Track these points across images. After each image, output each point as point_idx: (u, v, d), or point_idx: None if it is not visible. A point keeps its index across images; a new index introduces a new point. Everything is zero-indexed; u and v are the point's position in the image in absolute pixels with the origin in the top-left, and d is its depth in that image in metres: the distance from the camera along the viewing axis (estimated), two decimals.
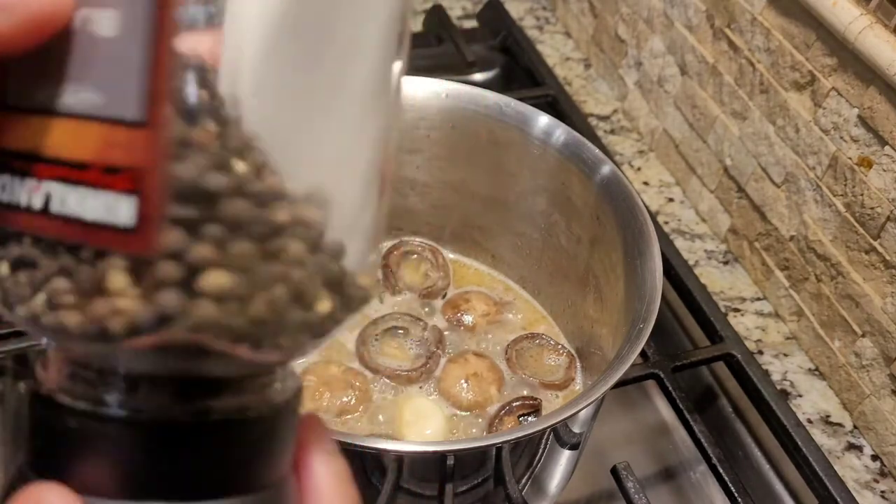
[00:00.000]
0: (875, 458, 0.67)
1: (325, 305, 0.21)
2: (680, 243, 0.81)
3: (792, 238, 0.73)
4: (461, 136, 0.61)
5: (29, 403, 0.22)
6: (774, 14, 0.71)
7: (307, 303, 0.21)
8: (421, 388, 0.58)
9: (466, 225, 0.66)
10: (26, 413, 0.22)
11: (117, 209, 0.19)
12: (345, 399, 0.56)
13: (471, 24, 1.02)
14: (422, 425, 0.56)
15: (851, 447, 0.67)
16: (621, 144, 0.92)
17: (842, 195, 0.67)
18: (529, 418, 0.57)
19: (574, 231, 0.59)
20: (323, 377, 0.57)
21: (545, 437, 0.49)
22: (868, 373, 0.67)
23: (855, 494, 0.60)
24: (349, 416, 0.55)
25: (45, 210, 0.20)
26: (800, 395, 0.70)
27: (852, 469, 0.66)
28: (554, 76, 0.92)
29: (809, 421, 0.69)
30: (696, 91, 0.83)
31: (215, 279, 0.19)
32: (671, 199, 0.87)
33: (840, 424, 0.69)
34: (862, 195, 0.65)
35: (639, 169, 0.90)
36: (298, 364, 0.57)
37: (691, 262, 0.79)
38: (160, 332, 0.19)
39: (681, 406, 0.62)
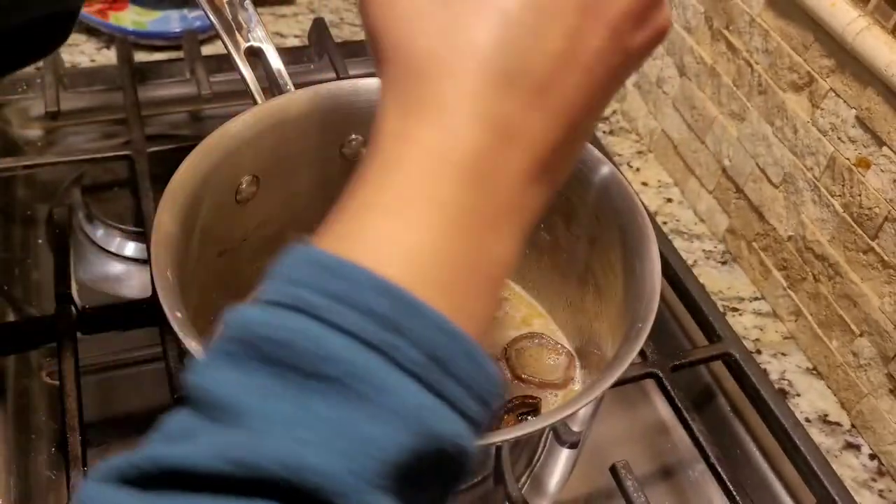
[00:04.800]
0: (873, 457, 0.67)
1: None
2: (678, 243, 0.81)
3: (790, 238, 0.73)
4: None
5: None
6: (773, 15, 0.72)
7: None
8: None
9: None
10: None
11: None
12: None
13: None
14: None
15: (849, 446, 0.68)
16: (620, 145, 0.92)
17: (840, 196, 0.67)
18: (529, 417, 0.57)
19: (573, 231, 0.59)
20: None
21: (544, 435, 0.49)
22: (866, 372, 0.67)
23: (853, 493, 0.61)
24: None
25: None
26: (798, 395, 0.71)
27: (850, 468, 0.66)
28: None
29: (807, 420, 0.69)
30: (694, 92, 0.83)
31: None
32: (670, 200, 0.87)
33: (838, 423, 0.69)
34: (860, 196, 0.65)
35: (637, 169, 0.90)
36: None
37: (690, 262, 0.79)
38: None
39: (679, 405, 0.62)
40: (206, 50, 0.89)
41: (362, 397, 0.24)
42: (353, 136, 0.60)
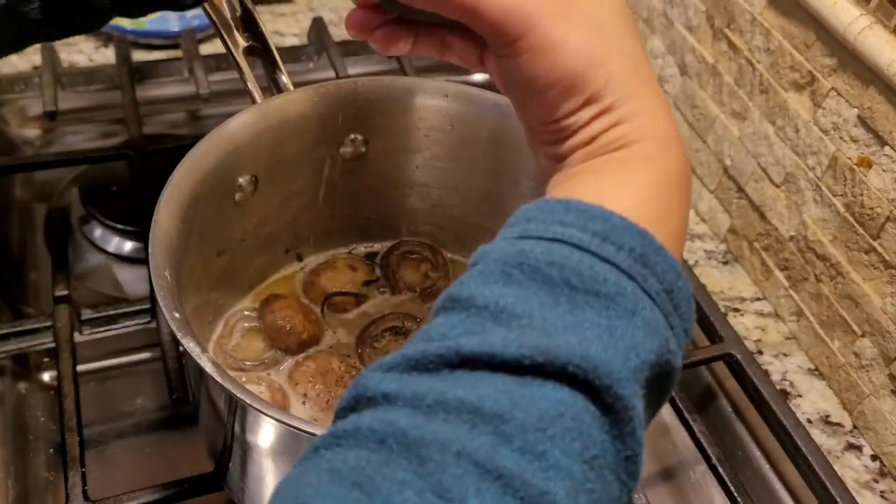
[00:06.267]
0: (874, 457, 0.67)
1: None
2: None
3: (791, 238, 0.73)
4: (461, 136, 0.61)
5: None
6: (774, 14, 0.71)
7: None
8: None
9: (466, 225, 0.66)
10: None
11: None
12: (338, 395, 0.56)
13: None
14: None
15: (851, 447, 0.68)
16: None
17: (841, 195, 0.67)
18: None
19: None
20: (322, 367, 0.57)
21: None
22: (867, 373, 0.67)
23: (854, 494, 0.61)
24: None
25: None
26: (799, 395, 0.70)
27: (852, 469, 0.66)
28: None
29: (809, 421, 0.69)
30: (695, 91, 0.83)
31: None
32: None
33: (839, 424, 0.69)
34: (861, 195, 0.65)
35: None
36: (300, 356, 0.58)
37: (691, 262, 0.79)
38: None
39: (680, 406, 0.62)
40: (205, 49, 0.89)
41: (627, 311, 0.31)
42: (352, 135, 0.60)
